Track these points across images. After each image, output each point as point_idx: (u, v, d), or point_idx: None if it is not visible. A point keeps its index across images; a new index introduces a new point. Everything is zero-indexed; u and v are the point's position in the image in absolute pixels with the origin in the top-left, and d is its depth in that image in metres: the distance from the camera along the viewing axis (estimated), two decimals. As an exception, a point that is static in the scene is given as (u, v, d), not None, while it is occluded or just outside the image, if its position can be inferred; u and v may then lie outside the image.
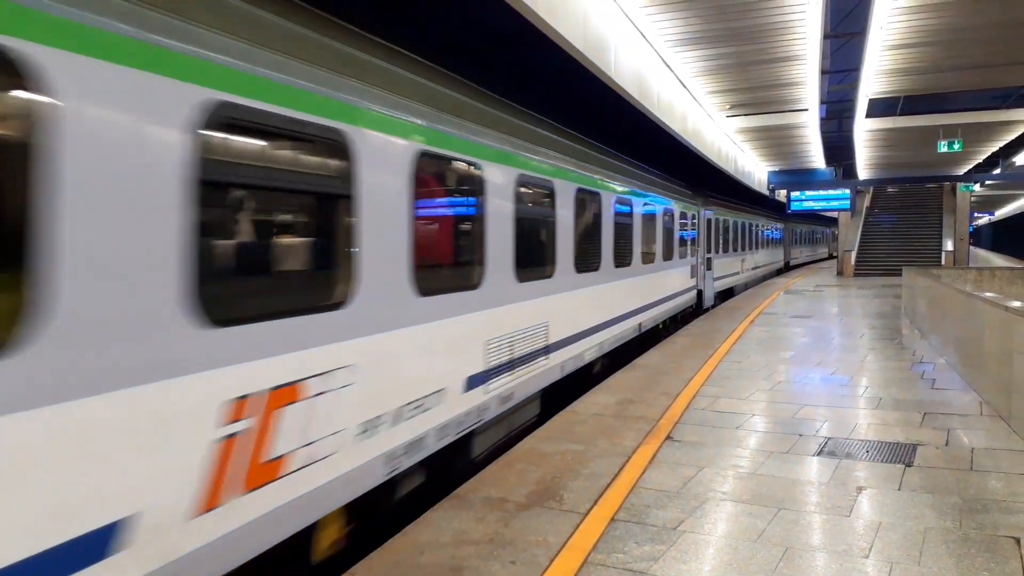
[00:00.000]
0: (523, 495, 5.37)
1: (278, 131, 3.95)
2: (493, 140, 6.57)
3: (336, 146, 4.39)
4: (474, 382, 6.16)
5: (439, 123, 5.61)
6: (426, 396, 5.35)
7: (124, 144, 3.01)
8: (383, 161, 4.82)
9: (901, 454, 6.29)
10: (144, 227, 3.09)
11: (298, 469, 3.98)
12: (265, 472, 3.75)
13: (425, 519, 4.95)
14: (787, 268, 43.30)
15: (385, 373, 4.85)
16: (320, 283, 4.47)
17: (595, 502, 5.21)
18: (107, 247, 2.95)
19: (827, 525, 4.79)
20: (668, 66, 16.01)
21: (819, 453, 6.37)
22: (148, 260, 3.12)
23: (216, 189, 3.57)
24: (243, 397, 3.62)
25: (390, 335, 4.91)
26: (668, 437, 6.88)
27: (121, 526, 2.99)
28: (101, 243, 2.92)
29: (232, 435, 3.54)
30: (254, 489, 3.68)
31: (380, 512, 5.16)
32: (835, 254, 60.65)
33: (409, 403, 5.13)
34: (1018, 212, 66.71)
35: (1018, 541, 4.47)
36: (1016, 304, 7.67)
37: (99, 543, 2.91)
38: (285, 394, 3.90)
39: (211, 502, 3.42)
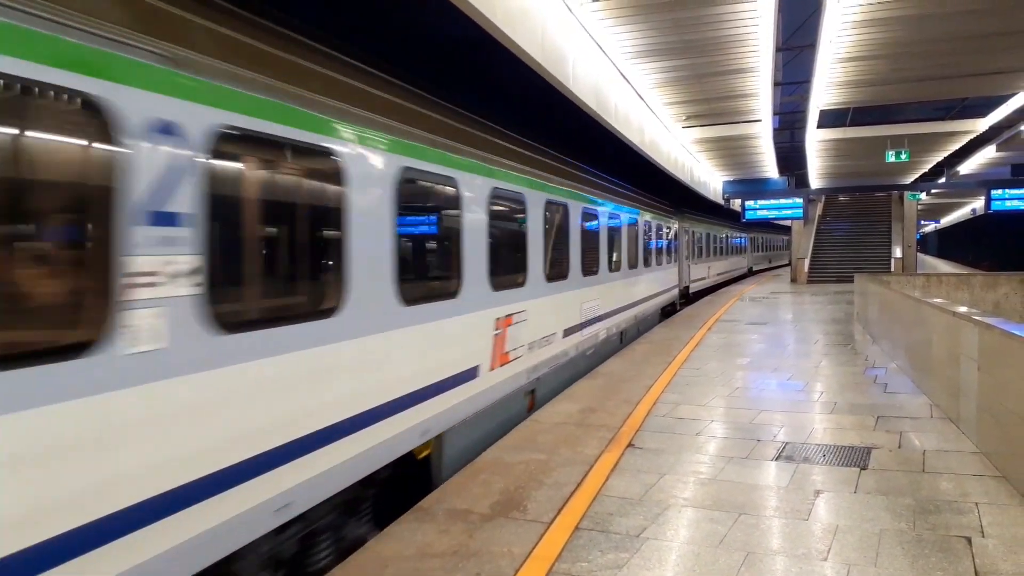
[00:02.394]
0: (487, 506, 5.35)
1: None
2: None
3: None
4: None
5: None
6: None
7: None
8: None
9: (856, 457, 6.43)
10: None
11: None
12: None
13: (389, 532, 4.91)
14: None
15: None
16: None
17: (559, 511, 5.22)
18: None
19: (786, 529, 4.87)
20: (625, 78, 16.20)
21: (777, 458, 6.48)
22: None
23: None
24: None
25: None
26: (630, 444, 6.93)
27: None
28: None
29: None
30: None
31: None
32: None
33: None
34: (962, 220, 68.82)
35: (969, 540, 4.59)
36: (962, 309, 7.91)
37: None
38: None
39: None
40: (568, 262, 10.39)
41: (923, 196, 39.69)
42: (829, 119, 23.92)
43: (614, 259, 13.36)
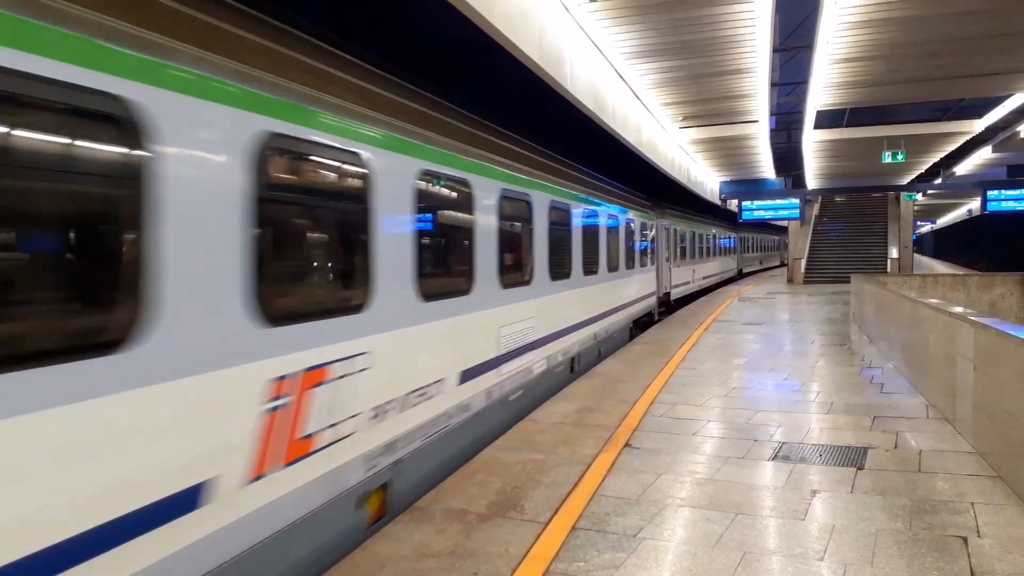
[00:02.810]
0: (484, 506, 5.35)
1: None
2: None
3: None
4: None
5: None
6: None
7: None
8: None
9: (852, 457, 6.44)
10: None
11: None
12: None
13: (386, 532, 4.91)
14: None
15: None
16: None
17: (556, 511, 5.22)
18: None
19: (783, 529, 4.88)
20: (623, 78, 16.21)
21: (774, 458, 6.49)
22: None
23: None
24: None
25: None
26: (627, 444, 6.94)
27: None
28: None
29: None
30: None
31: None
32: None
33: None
34: (958, 220, 68.99)
35: (965, 540, 4.61)
36: (958, 310, 7.92)
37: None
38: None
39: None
40: (472, 271, 7.21)
41: (919, 197, 39.79)
42: (826, 120, 23.98)
43: (561, 264, 10.34)
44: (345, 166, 5.06)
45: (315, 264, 5.04)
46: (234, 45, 4.05)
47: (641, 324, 17.48)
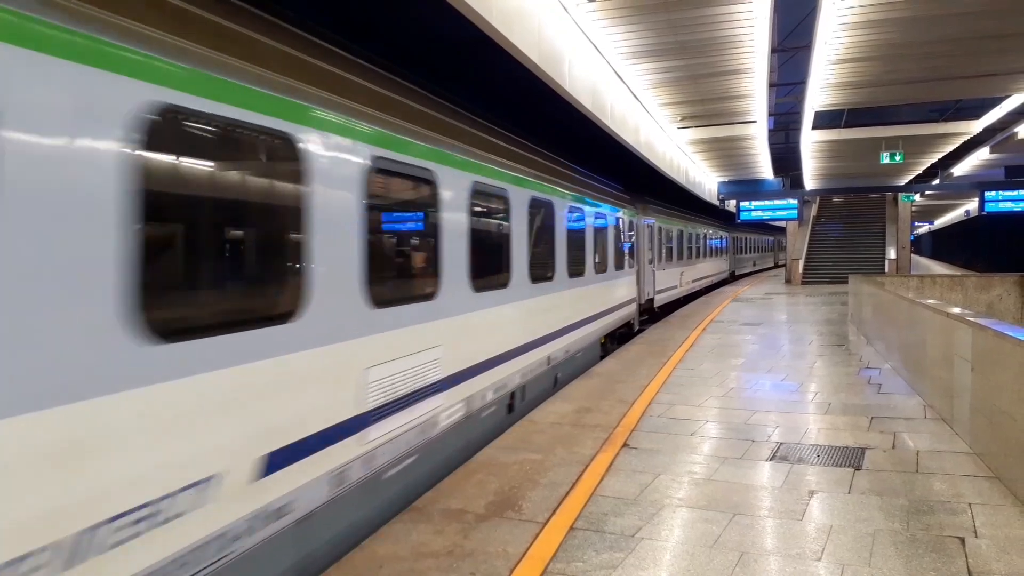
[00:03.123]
0: (482, 506, 5.35)
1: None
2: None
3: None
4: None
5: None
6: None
7: None
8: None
9: (850, 458, 6.44)
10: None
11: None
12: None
13: (383, 532, 4.90)
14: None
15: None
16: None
17: (554, 511, 5.22)
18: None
19: (780, 529, 4.89)
20: (621, 79, 16.22)
21: (771, 458, 6.49)
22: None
23: None
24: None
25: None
26: (625, 445, 6.94)
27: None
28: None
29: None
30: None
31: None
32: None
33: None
34: (956, 221, 69.07)
35: (963, 541, 4.61)
36: (956, 310, 7.94)
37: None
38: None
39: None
40: (303, 283, 4.45)
41: (917, 198, 39.89)
42: (824, 120, 24.03)
43: (492, 270, 7.83)
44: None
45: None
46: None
47: (617, 337, 15.17)
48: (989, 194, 31.31)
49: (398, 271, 6.22)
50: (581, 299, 11.68)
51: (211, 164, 4.07)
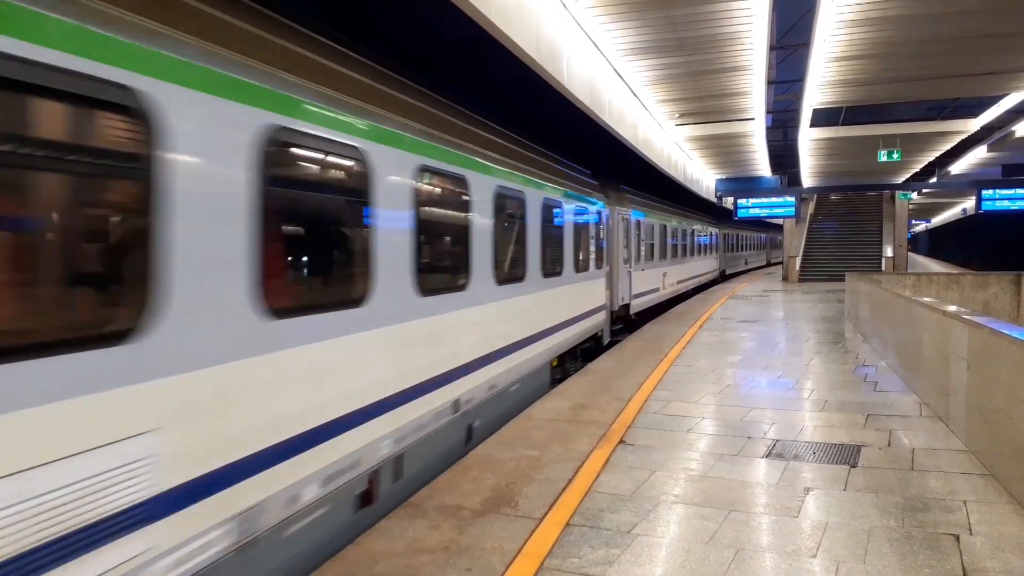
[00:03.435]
0: (478, 502, 5.35)
1: None
2: None
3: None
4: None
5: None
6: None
7: None
8: None
9: (846, 455, 6.46)
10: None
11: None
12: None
13: (379, 528, 4.90)
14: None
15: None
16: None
17: (550, 507, 5.23)
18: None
19: (776, 526, 4.90)
20: (620, 75, 16.21)
21: (768, 455, 6.50)
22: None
23: None
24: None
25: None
26: (621, 441, 6.94)
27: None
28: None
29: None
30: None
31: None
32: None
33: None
34: (953, 219, 69.19)
35: (957, 538, 4.62)
36: (952, 308, 7.95)
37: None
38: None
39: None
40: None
41: (914, 196, 39.94)
42: (822, 118, 24.06)
43: (342, 277, 5.30)
44: None
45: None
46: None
47: (581, 354, 12.60)
48: (986, 192, 31.36)
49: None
50: (521, 313, 8.80)
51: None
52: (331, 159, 5.03)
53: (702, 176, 34.71)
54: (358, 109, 5.17)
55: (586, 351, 12.90)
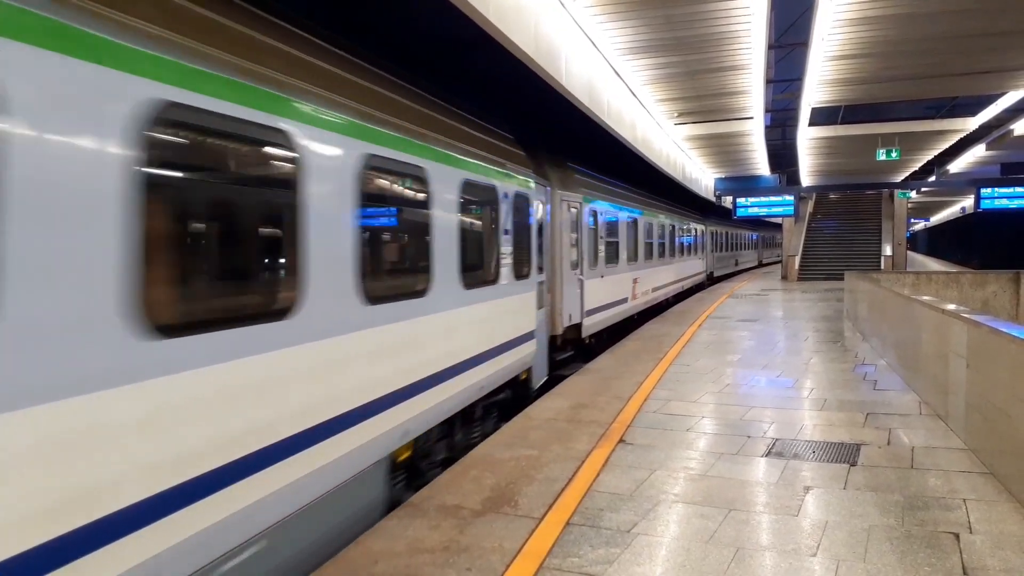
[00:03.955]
0: (478, 501, 5.35)
1: None
2: None
3: None
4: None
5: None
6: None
7: None
8: None
9: (846, 454, 6.46)
10: None
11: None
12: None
13: (379, 528, 4.90)
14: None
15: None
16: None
17: (550, 507, 5.23)
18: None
19: (776, 525, 4.90)
20: (618, 74, 16.20)
21: (767, 454, 6.51)
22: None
23: None
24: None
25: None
26: (620, 440, 6.94)
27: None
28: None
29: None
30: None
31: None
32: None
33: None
34: (952, 218, 69.23)
35: (957, 536, 4.63)
36: (951, 307, 7.95)
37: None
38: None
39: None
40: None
41: (913, 194, 39.96)
42: (820, 117, 24.02)
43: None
44: None
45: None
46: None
47: (485, 411, 8.40)
48: (985, 191, 31.36)
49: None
50: (331, 374, 4.85)
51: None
52: None
53: (701, 175, 34.69)
54: None
55: (502, 408, 8.94)
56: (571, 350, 12.61)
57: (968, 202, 46.48)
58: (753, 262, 55.50)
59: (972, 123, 24.47)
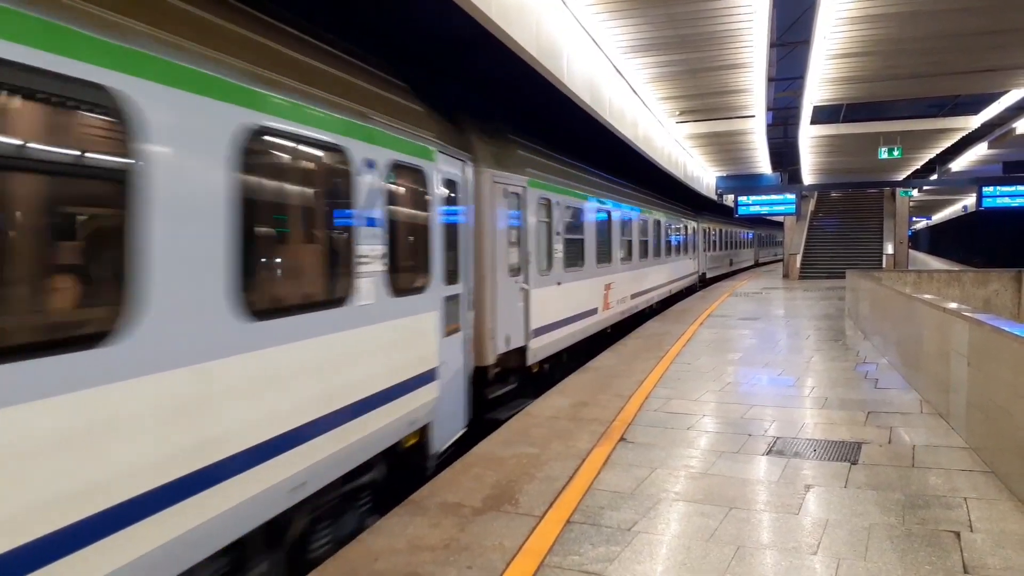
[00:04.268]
0: (479, 499, 5.36)
1: None
2: None
3: None
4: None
5: None
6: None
7: None
8: None
9: (846, 452, 6.46)
10: None
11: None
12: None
13: (380, 526, 4.91)
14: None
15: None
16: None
17: (551, 505, 5.23)
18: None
19: (777, 523, 4.90)
20: (620, 73, 16.19)
21: (768, 452, 6.50)
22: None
23: None
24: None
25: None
26: (621, 439, 6.95)
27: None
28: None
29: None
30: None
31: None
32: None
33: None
34: (953, 216, 69.15)
35: (958, 535, 4.62)
36: (953, 306, 7.95)
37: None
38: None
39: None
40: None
41: (915, 193, 39.90)
42: (822, 115, 23.99)
43: None
44: None
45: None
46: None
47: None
48: (987, 189, 31.31)
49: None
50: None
51: None
52: None
53: (703, 174, 34.67)
54: None
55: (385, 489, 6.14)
56: (514, 382, 9.49)
57: (970, 201, 46.38)
58: (749, 261, 51.37)
59: (974, 121, 24.44)
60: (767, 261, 58.85)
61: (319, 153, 5.06)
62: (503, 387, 9.14)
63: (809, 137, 26.22)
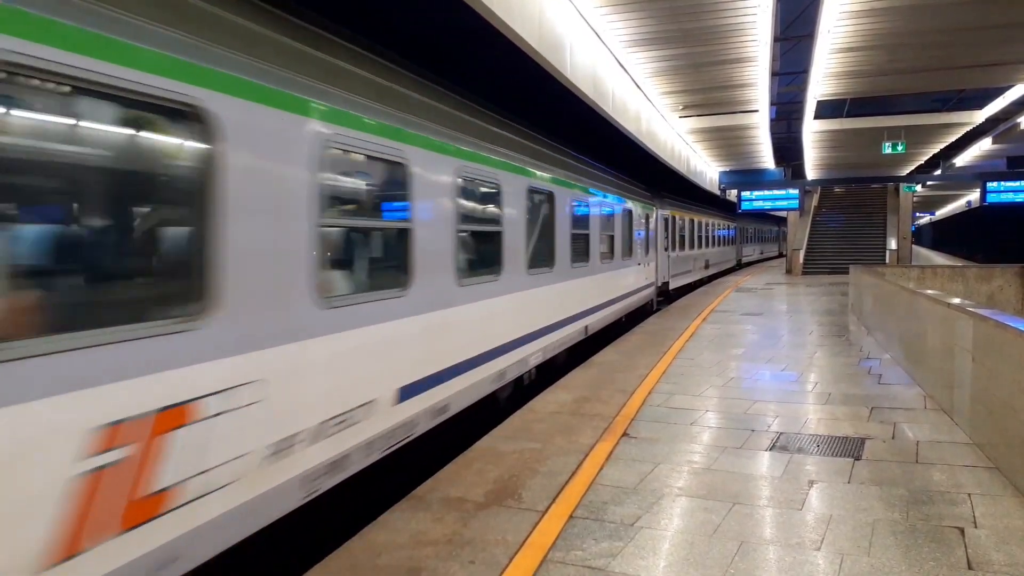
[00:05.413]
0: (481, 494, 5.35)
1: None
2: None
3: None
4: None
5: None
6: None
7: None
8: None
9: (850, 448, 6.44)
10: None
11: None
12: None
13: (382, 521, 4.91)
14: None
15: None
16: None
17: (553, 500, 5.22)
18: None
19: (780, 519, 4.88)
20: (623, 67, 16.14)
21: (771, 448, 6.49)
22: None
23: None
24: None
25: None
26: (624, 434, 6.94)
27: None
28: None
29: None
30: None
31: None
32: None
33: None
34: (957, 212, 68.99)
35: (962, 531, 4.61)
36: (956, 301, 7.92)
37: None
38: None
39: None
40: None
41: (919, 188, 39.78)
42: (826, 110, 23.93)
43: None
44: None
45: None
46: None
47: None
48: (991, 184, 31.25)
49: None
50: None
51: None
52: None
53: (706, 168, 34.61)
54: None
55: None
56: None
57: (974, 196, 46.27)
58: (731, 261, 41.37)
59: (979, 116, 24.35)
60: (751, 261, 49.41)
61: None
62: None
63: (812, 132, 26.16)
